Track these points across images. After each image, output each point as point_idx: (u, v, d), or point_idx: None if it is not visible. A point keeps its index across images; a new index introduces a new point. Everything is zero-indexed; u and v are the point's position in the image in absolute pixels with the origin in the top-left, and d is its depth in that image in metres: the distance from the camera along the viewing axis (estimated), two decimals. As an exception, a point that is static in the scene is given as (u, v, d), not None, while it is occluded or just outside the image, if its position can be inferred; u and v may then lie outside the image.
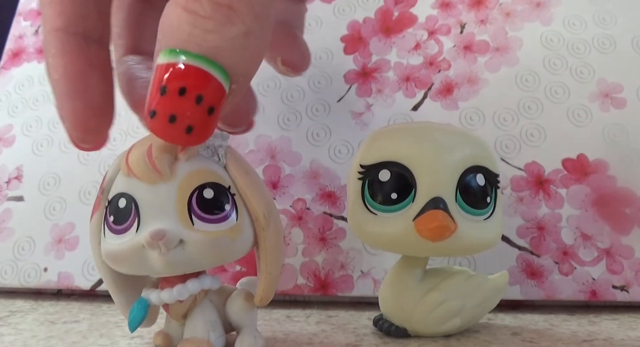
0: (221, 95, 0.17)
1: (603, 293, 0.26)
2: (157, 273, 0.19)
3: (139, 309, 0.19)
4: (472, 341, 0.21)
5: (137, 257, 0.18)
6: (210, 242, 0.18)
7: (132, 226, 0.18)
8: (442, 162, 0.20)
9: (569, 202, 0.28)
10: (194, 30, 0.16)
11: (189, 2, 0.16)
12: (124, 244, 0.18)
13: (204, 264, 0.19)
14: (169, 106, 0.16)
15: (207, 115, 0.17)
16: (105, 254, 0.19)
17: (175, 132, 0.17)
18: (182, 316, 0.20)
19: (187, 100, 0.16)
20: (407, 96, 0.32)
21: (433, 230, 0.19)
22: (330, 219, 0.29)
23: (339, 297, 0.28)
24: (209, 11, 0.16)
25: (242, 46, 0.17)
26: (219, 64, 0.16)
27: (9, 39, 0.40)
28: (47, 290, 0.31)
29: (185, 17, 0.16)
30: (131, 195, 0.18)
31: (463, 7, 0.34)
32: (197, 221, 0.18)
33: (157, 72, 0.17)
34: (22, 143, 0.35)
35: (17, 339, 0.23)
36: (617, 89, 0.30)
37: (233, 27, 0.16)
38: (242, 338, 0.20)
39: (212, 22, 0.16)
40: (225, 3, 0.16)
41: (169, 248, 0.18)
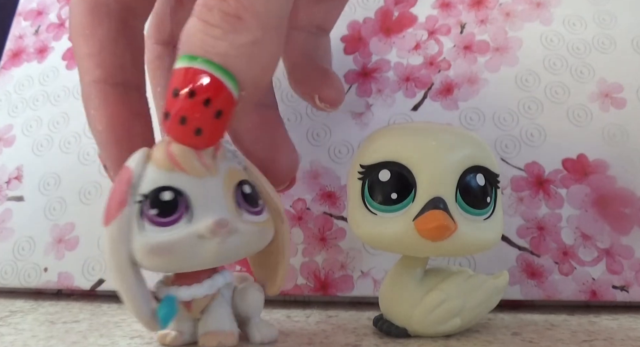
0: (229, 100, 0.18)
1: (603, 293, 0.26)
2: (202, 264, 0.19)
3: (171, 306, 0.19)
4: (472, 341, 0.21)
5: (190, 247, 0.18)
6: (258, 232, 0.20)
7: (182, 218, 0.18)
8: (442, 162, 0.20)
9: (569, 202, 0.28)
10: (205, 38, 0.17)
11: (202, 11, 0.18)
12: (176, 234, 0.18)
13: (245, 254, 0.20)
14: (179, 108, 0.17)
15: (215, 118, 0.17)
16: (149, 247, 0.18)
17: (185, 133, 0.18)
18: (201, 311, 0.21)
19: (195, 102, 0.17)
20: (407, 96, 0.32)
21: (433, 230, 0.19)
22: (330, 219, 0.29)
23: (339, 297, 0.28)
24: (218, 20, 0.17)
25: (249, 54, 0.17)
26: (227, 69, 0.17)
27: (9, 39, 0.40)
28: (47, 290, 0.31)
29: (199, 25, 0.17)
30: (178, 188, 0.19)
31: (463, 7, 0.34)
32: (244, 212, 0.19)
33: (173, 76, 0.18)
34: (22, 143, 0.35)
35: (17, 339, 0.23)
36: (617, 89, 0.30)
37: (240, 36, 0.17)
38: (258, 327, 0.21)
39: (220, 30, 0.17)
40: (232, 13, 0.17)
41: (229, 236, 0.19)
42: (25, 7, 0.41)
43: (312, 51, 0.28)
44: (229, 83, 0.17)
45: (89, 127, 0.22)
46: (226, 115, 0.18)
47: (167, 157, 0.19)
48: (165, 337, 0.21)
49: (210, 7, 0.17)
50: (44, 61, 0.38)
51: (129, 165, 0.19)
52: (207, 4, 0.17)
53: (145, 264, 0.19)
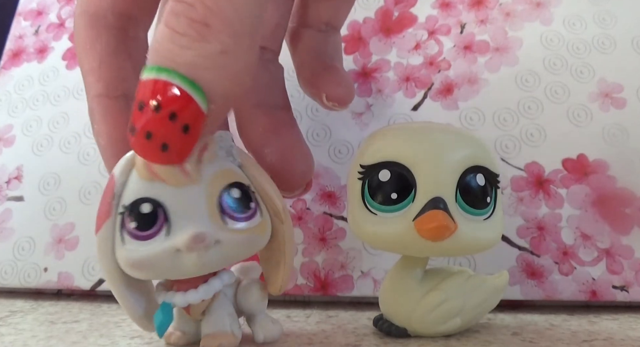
0: (197, 114, 0.16)
1: (603, 293, 0.26)
2: (185, 275, 0.19)
3: (166, 313, 0.19)
4: (472, 341, 0.21)
5: (169, 261, 0.18)
6: (244, 240, 0.19)
7: (161, 231, 0.18)
8: (442, 162, 0.20)
9: (569, 202, 0.28)
10: (171, 46, 0.16)
11: (169, 18, 0.16)
12: (153, 249, 0.18)
13: (232, 262, 0.19)
14: (145, 122, 0.16)
15: (182, 134, 0.16)
16: (130, 262, 0.18)
17: (150, 148, 0.17)
18: (202, 313, 0.20)
19: (160, 116, 0.16)
20: (407, 96, 0.32)
21: (433, 230, 0.19)
22: (330, 219, 0.29)
23: (339, 297, 0.28)
24: (185, 27, 0.16)
25: (218, 65, 0.16)
26: (194, 81, 0.16)
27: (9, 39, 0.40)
28: (47, 290, 0.31)
29: (166, 33, 0.16)
30: (156, 199, 0.18)
31: (463, 7, 0.34)
32: (229, 220, 0.18)
33: (138, 88, 0.17)
34: (22, 143, 0.35)
35: (17, 339, 0.23)
36: (617, 89, 0.30)
37: (208, 45, 0.16)
38: (262, 325, 0.21)
39: (187, 39, 0.16)
40: (199, 19, 0.16)
41: (207, 249, 0.18)
42: (25, 7, 0.41)
43: (322, 49, 0.27)
44: (197, 96, 0.16)
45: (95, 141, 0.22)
46: (194, 130, 0.17)
47: (146, 165, 0.18)
48: (169, 337, 0.21)
49: (177, 13, 0.16)
50: (44, 61, 0.38)
51: (114, 172, 0.19)
52: (174, 10, 0.16)
53: (131, 274, 0.19)
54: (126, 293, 0.19)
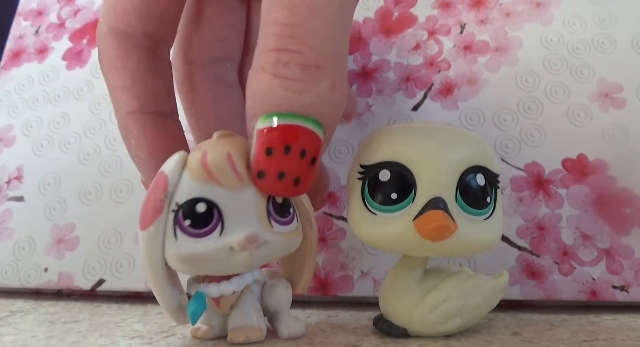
0: (319, 145, 0.18)
1: (603, 293, 0.26)
2: (233, 271, 0.20)
3: (200, 302, 0.20)
4: (472, 341, 0.21)
5: (221, 258, 0.19)
6: (286, 242, 0.20)
7: (215, 230, 0.19)
8: (442, 162, 0.20)
9: (569, 202, 0.28)
10: (287, 93, 0.17)
11: (278, 68, 0.17)
12: (208, 246, 0.19)
13: (271, 261, 0.21)
14: (277, 165, 0.18)
15: (310, 166, 0.18)
16: (183, 258, 0.19)
17: (284, 186, 0.18)
18: (231, 306, 0.21)
19: (292, 156, 0.18)
20: (407, 96, 0.32)
21: (433, 230, 0.19)
22: (330, 219, 0.29)
23: (339, 297, 0.28)
24: (299, 74, 0.17)
25: (329, 98, 0.18)
26: (313, 118, 0.18)
27: (9, 39, 0.40)
28: (47, 290, 0.31)
29: (276, 82, 0.17)
30: (212, 200, 0.19)
31: (463, 7, 0.34)
32: (275, 223, 0.20)
33: (261, 137, 0.18)
34: (22, 143, 0.35)
35: (17, 339, 0.23)
36: (617, 89, 0.30)
37: (321, 84, 0.18)
38: (286, 322, 0.22)
39: (303, 84, 0.17)
40: (312, 63, 0.17)
41: (257, 249, 0.19)
42: (25, 7, 0.41)
43: None
44: (317, 129, 0.18)
45: (129, 155, 0.22)
46: (318, 159, 0.18)
47: (202, 168, 0.19)
48: (197, 331, 0.22)
49: (287, 62, 0.17)
50: (44, 61, 0.38)
51: (166, 171, 0.19)
52: (282, 60, 0.17)
53: (178, 269, 0.20)
54: (166, 288, 0.20)
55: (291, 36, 0.17)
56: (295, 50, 0.17)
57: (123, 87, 0.22)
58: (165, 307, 0.21)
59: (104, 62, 0.23)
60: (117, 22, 0.22)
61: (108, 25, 0.23)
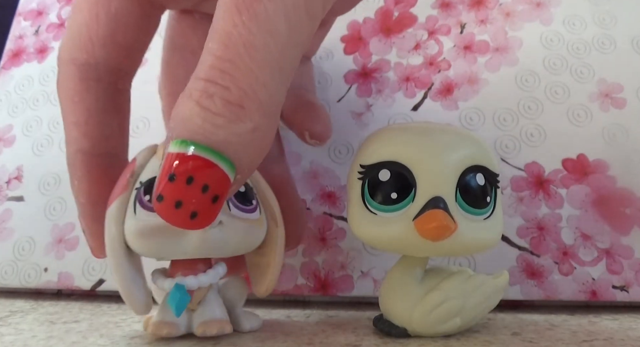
0: (226, 185, 0.17)
1: (603, 293, 0.26)
2: (186, 252, 0.20)
3: (183, 293, 0.20)
4: (472, 341, 0.21)
5: (174, 233, 0.19)
6: (244, 227, 0.20)
7: None
8: (442, 161, 0.20)
9: (569, 202, 0.28)
10: (205, 124, 0.17)
11: (202, 98, 0.17)
12: None
13: (231, 250, 0.21)
14: (176, 193, 0.17)
15: (212, 203, 0.17)
16: (139, 229, 0.20)
17: (180, 217, 0.17)
18: (198, 301, 0.21)
19: (193, 188, 0.17)
20: (407, 96, 0.32)
21: (433, 230, 0.19)
22: (330, 219, 0.29)
23: (339, 297, 0.28)
24: (220, 108, 0.17)
25: (248, 141, 0.17)
26: (225, 156, 0.17)
27: (9, 39, 0.40)
28: (47, 290, 0.31)
29: (198, 111, 0.17)
30: None
31: (463, 7, 0.34)
32: (233, 207, 0.20)
33: (167, 160, 0.17)
34: (22, 143, 0.35)
35: (17, 339, 0.23)
36: (617, 89, 0.30)
37: (241, 124, 0.17)
38: (245, 316, 0.23)
39: (222, 119, 0.17)
40: (236, 102, 0.17)
41: (211, 226, 0.19)
42: (25, 7, 0.41)
43: (296, 81, 0.28)
44: (227, 169, 0.17)
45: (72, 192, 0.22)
46: (222, 199, 0.18)
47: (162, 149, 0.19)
48: (161, 329, 0.21)
49: (211, 94, 0.17)
50: (44, 61, 0.38)
51: (136, 157, 0.21)
52: (207, 91, 0.17)
53: (135, 247, 0.20)
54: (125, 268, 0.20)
55: (222, 70, 0.17)
56: (222, 85, 0.17)
57: (76, 124, 0.22)
58: (125, 295, 0.20)
59: (61, 92, 0.22)
60: (80, 52, 0.22)
61: (68, 54, 0.22)
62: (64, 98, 0.22)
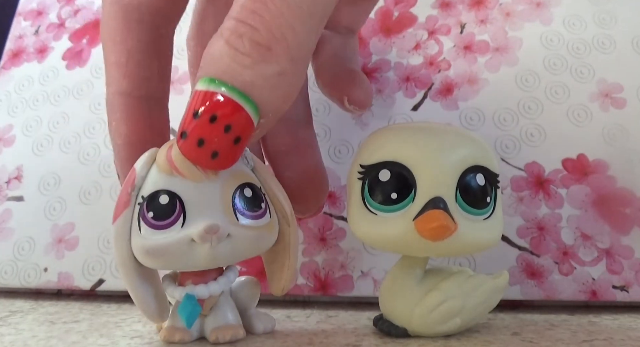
0: (249, 128, 0.18)
1: (603, 293, 0.26)
2: (196, 266, 0.20)
3: (193, 305, 0.20)
4: (472, 341, 0.21)
5: (183, 251, 0.19)
6: (253, 236, 0.20)
7: (177, 222, 0.19)
8: (442, 162, 0.20)
9: (569, 202, 0.28)
10: (232, 64, 0.17)
11: (232, 37, 0.17)
12: (169, 238, 0.19)
13: (242, 258, 0.20)
14: (199, 130, 0.17)
15: (233, 144, 0.18)
16: (145, 250, 0.19)
17: (201, 155, 0.18)
18: (210, 307, 0.21)
19: (216, 127, 0.17)
20: (407, 96, 0.32)
21: (433, 230, 0.19)
22: (330, 219, 0.29)
23: (339, 297, 0.28)
24: (248, 48, 0.17)
25: (275, 84, 0.17)
26: (250, 98, 0.17)
27: (9, 39, 0.40)
28: (47, 290, 0.31)
29: (227, 50, 0.17)
30: (174, 192, 0.19)
31: (463, 7, 0.34)
32: (241, 217, 0.19)
33: (194, 97, 0.18)
34: (22, 143, 0.35)
35: (17, 339, 0.23)
36: (617, 89, 0.30)
37: (268, 66, 0.17)
38: (258, 317, 0.22)
39: (250, 59, 0.17)
40: (264, 43, 0.17)
41: (219, 241, 0.19)
42: (25, 7, 0.41)
43: (340, 52, 0.28)
44: (251, 111, 0.17)
45: (109, 134, 0.22)
46: (244, 142, 0.18)
47: (167, 161, 0.19)
48: (173, 336, 0.21)
49: (240, 35, 0.17)
50: (44, 61, 0.38)
51: (136, 166, 0.20)
52: (237, 31, 0.17)
53: (144, 263, 0.20)
54: (137, 282, 0.20)
55: (252, 10, 0.17)
56: (251, 25, 0.17)
57: (117, 64, 0.22)
58: (137, 303, 0.20)
59: (104, 32, 0.22)
60: None
61: None
62: (106, 38, 0.22)
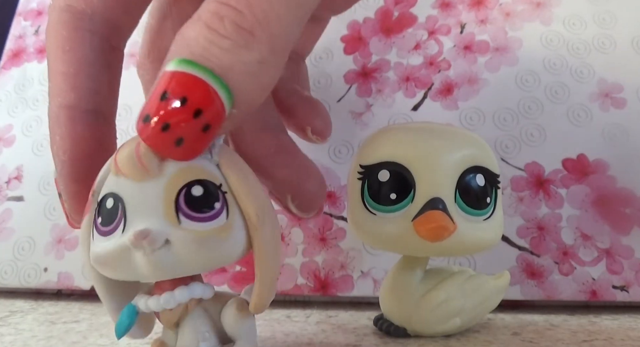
0: (221, 115, 0.16)
1: (603, 293, 0.26)
2: (144, 277, 0.17)
3: (127, 315, 0.18)
4: (472, 341, 0.21)
5: (124, 259, 0.17)
6: (198, 241, 0.17)
7: (119, 227, 0.17)
8: (441, 162, 0.20)
9: (569, 202, 0.28)
10: (210, 46, 0.16)
11: (212, 19, 0.16)
12: (110, 245, 0.17)
13: (192, 267, 0.17)
14: (166, 113, 0.16)
15: (201, 132, 0.16)
16: (93, 258, 0.18)
17: (164, 141, 0.16)
18: (174, 324, 0.19)
19: (185, 111, 0.16)
20: (407, 96, 0.32)
21: (431, 230, 0.19)
22: (330, 219, 0.29)
23: (339, 297, 0.28)
24: (230, 31, 0.16)
25: (253, 73, 0.16)
26: (226, 83, 0.16)
27: (9, 39, 0.40)
28: (47, 290, 0.31)
29: (205, 32, 0.16)
30: (118, 194, 0.17)
31: (463, 7, 0.34)
32: (184, 219, 0.17)
33: (163, 78, 0.16)
34: (22, 143, 0.35)
35: (17, 339, 0.23)
36: (617, 89, 0.30)
37: (249, 52, 0.16)
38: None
39: (230, 42, 0.16)
40: (247, 28, 0.16)
41: (153, 248, 0.16)
42: (25, 7, 0.41)
43: (295, 79, 0.28)
44: (225, 98, 0.16)
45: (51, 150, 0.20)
46: (212, 131, 0.16)
47: (113, 162, 0.17)
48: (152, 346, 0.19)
49: (222, 17, 0.16)
50: (44, 61, 0.38)
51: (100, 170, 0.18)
52: (218, 13, 0.16)
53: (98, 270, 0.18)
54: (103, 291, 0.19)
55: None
56: (235, 8, 0.16)
57: (65, 74, 0.20)
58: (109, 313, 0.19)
59: (50, 39, 0.21)
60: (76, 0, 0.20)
61: (65, 0, 0.20)
62: (53, 47, 0.21)
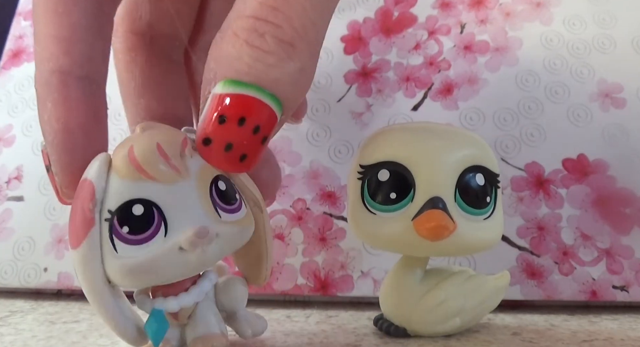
0: (274, 125, 0.17)
1: (603, 293, 0.26)
2: (188, 274, 0.18)
3: (160, 321, 0.18)
4: (472, 341, 0.21)
5: (172, 261, 0.17)
6: (238, 231, 0.18)
7: (159, 231, 0.17)
8: (441, 162, 0.20)
9: (569, 202, 0.28)
10: (256, 64, 0.17)
11: (252, 36, 0.17)
12: (154, 251, 0.17)
13: (223, 256, 0.19)
14: (227, 135, 0.17)
15: (261, 144, 0.17)
16: (128, 270, 0.17)
17: (229, 160, 0.17)
18: (188, 316, 0.19)
19: (245, 130, 0.17)
20: (407, 96, 0.32)
21: (431, 230, 0.19)
22: (330, 219, 0.29)
23: (339, 297, 0.28)
24: (273, 47, 0.17)
25: (296, 80, 0.17)
26: (275, 95, 0.17)
27: (9, 39, 0.40)
28: (47, 290, 0.31)
29: (247, 50, 0.17)
30: (149, 199, 0.17)
31: (463, 7, 0.34)
32: (223, 212, 0.18)
33: (215, 102, 0.17)
34: (22, 143, 0.35)
35: (17, 339, 0.23)
36: (617, 89, 0.30)
37: (292, 63, 0.17)
38: (247, 320, 0.20)
39: (274, 58, 0.17)
40: (288, 40, 0.17)
41: (210, 244, 0.17)
42: (25, 7, 0.41)
43: None
44: (276, 108, 0.17)
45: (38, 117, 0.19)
46: (269, 139, 0.18)
47: (131, 164, 0.17)
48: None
49: (262, 33, 0.17)
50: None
51: (90, 177, 0.17)
52: (257, 30, 0.17)
53: (125, 285, 0.18)
54: (114, 310, 0.18)
55: (274, 7, 0.17)
56: (274, 23, 0.17)
57: (57, 38, 0.19)
58: (117, 332, 0.18)
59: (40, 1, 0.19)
60: None
61: None
62: (44, 8, 0.19)
